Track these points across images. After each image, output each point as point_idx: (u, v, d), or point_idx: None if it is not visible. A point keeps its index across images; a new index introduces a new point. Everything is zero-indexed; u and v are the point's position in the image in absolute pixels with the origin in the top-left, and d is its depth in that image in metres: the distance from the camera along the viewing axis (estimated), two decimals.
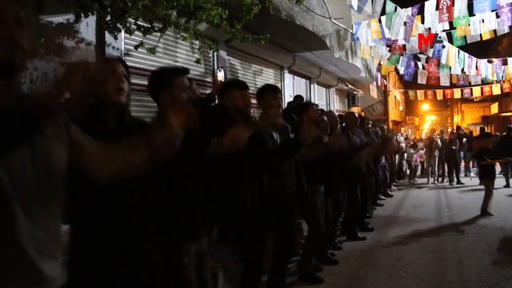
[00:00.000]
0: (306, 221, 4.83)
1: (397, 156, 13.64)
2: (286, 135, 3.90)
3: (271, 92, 3.80)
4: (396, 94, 25.00)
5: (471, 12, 10.51)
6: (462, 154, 14.88)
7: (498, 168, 16.62)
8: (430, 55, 12.11)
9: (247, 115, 3.32)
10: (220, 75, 7.69)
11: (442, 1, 10.36)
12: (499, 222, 7.50)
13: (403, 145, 14.58)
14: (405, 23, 10.25)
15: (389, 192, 11.39)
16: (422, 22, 11.06)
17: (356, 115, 7.07)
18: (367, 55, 13.75)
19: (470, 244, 6.10)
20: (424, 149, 15.59)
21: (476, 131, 18.27)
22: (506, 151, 12.70)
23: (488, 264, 5.15)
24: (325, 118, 5.06)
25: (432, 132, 15.20)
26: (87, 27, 5.05)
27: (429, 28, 10.98)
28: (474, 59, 13.96)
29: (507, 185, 12.65)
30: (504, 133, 15.42)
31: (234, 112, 3.25)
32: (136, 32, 4.80)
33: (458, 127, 15.90)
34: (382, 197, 10.56)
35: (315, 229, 4.62)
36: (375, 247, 6.11)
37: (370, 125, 8.89)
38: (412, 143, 16.23)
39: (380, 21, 10.60)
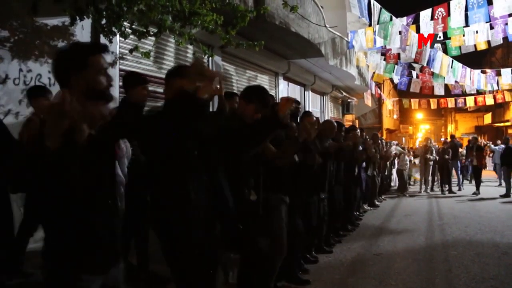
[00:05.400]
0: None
1: (387, 164, 13.21)
2: None
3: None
4: (389, 102, 25.08)
5: (465, 23, 10.62)
6: (459, 163, 14.87)
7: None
8: (424, 64, 12.21)
9: None
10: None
11: (437, 11, 10.47)
12: (489, 232, 7.54)
13: (393, 149, 13.86)
14: (400, 32, 10.34)
15: (376, 203, 10.98)
16: (417, 31, 11.16)
17: (335, 123, 6.09)
18: (363, 63, 13.83)
19: (460, 253, 6.12)
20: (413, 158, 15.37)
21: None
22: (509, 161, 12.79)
23: (477, 274, 5.16)
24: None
25: (426, 140, 15.10)
26: (82, 30, 5.07)
27: None
28: (468, 69, 14.08)
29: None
30: (499, 143, 15.61)
31: None
32: (131, 36, 4.82)
33: (453, 136, 15.94)
34: (367, 207, 10.28)
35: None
36: (365, 255, 6.12)
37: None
38: (394, 153, 13.62)
39: (375, 30, 10.69)
